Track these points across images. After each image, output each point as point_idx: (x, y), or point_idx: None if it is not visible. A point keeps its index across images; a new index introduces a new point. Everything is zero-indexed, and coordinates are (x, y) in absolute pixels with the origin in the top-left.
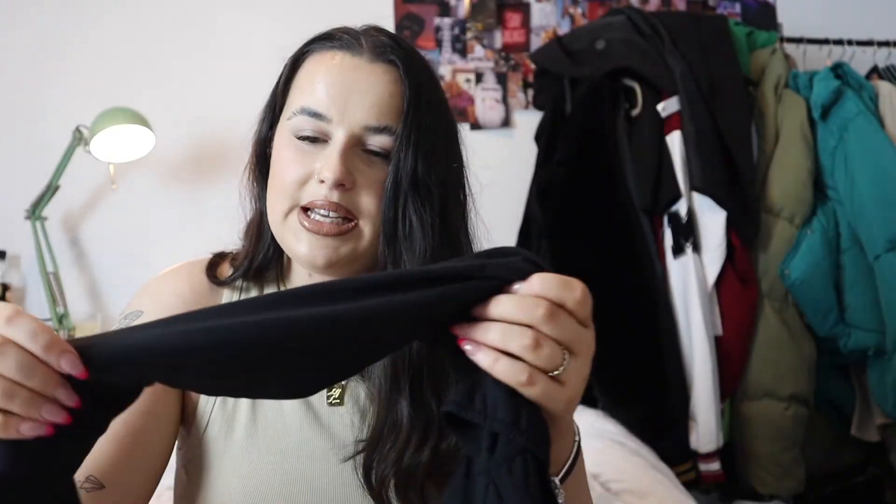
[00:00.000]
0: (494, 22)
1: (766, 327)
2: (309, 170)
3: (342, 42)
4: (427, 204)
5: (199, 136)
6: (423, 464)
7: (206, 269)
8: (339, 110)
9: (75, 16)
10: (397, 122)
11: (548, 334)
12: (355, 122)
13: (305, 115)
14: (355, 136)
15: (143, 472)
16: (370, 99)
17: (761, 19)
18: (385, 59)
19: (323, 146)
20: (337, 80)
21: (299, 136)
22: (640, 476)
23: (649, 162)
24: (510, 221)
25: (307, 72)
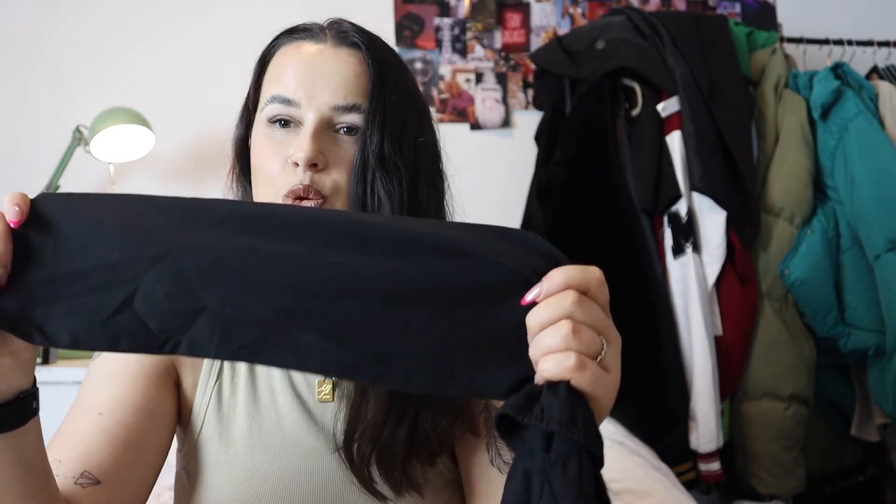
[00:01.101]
0: (494, 22)
1: (766, 327)
2: (284, 157)
3: (307, 32)
4: (395, 180)
5: (199, 136)
6: (402, 439)
7: None
8: (307, 94)
9: (75, 16)
10: (364, 100)
11: (582, 321)
12: (323, 102)
13: (276, 102)
14: (325, 118)
15: (140, 469)
16: (336, 80)
17: (761, 19)
18: (348, 42)
19: (296, 131)
20: (302, 66)
21: (272, 120)
22: (640, 476)
23: (649, 162)
24: (510, 221)
25: (275, 64)
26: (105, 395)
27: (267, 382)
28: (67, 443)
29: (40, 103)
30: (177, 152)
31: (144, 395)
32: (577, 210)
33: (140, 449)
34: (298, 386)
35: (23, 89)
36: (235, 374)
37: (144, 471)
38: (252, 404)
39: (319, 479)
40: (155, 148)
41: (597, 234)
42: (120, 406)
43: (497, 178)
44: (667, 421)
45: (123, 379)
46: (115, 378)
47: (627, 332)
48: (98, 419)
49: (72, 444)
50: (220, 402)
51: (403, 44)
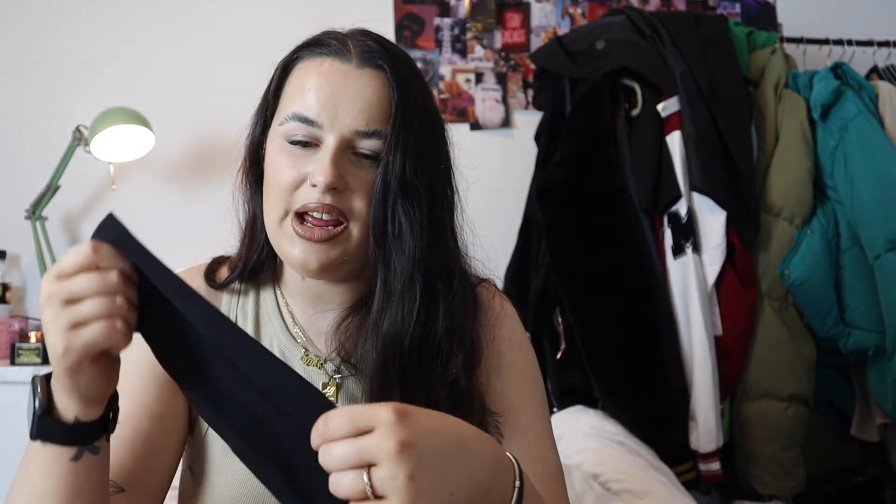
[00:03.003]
0: (494, 22)
1: (766, 327)
2: (301, 174)
3: (331, 48)
4: (415, 204)
5: (199, 136)
6: None
7: (205, 273)
8: (330, 116)
9: (75, 16)
10: (386, 126)
11: (331, 468)
12: (345, 126)
13: (297, 121)
14: (345, 141)
15: (158, 473)
16: (359, 104)
17: (761, 19)
18: (373, 63)
19: (314, 150)
20: (326, 86)
21: (291, 140)
22: (640, 476)
23: (649, 162)
24: (510, 221)
25: (297, 78)
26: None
27: None
28: None
29: (40, 103)
30: (177, 152)
31: (158, 401)
32: (577, 210)
33: (158, 454)
34: None
35: (23, 89)
36: None
37: (162, 474)
38: None
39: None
40: (155, 148)
41: (597, 234)
42: (138, 413)
43: (497, 178)
44: (667, 421)
45: (138, 387)
46: (131, 386)
47: (627, 332)
48: (117, 428)
49: None
50: None
51: (403, 44)
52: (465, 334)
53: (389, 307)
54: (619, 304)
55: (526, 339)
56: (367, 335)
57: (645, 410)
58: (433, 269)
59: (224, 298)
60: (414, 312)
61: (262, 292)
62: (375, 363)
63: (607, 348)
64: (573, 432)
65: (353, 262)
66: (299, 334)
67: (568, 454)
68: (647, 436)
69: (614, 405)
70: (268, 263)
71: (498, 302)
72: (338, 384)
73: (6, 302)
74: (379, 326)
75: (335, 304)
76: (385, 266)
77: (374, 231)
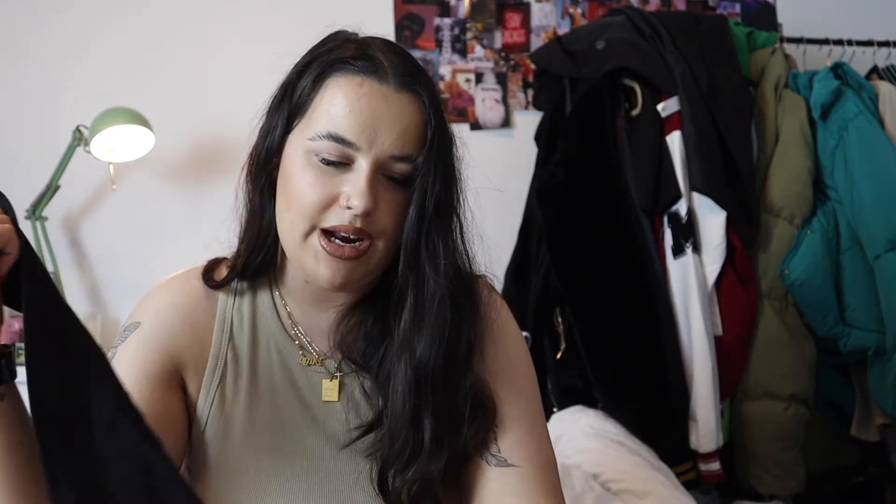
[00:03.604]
0: (494, 22)
1: (766, 327)
2: (333, 193)
3: (368, 65)
4: (448, 225)
5: (199, 136)
6: (438, 471)
7: (203, 274)
8: (369, 139)
9: (75, 16)
10: (418, 150)
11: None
12: (383, 151)
13: (332, 140)
14: (381, 164)
15: None
16: (398, 129)
17: (761, 19)
18: (410, 88)
19: (345, 169)
20: (366, 108)
21: (322, 159)
22: (640, 476)
23: (649, 162)
24: (510, 221)
25: (332, 93)
26: None
27: (269, 382)
28: None
29: (40, 103)
30: (177, 152)
31: (150, 402)
32: (577, 210)
33: None
34: (301, 386)
35: (23, 89)
36: (238, 375)
37: None
38: (254, 404)
39: (322, 477)
40: (155, 148)
41: (597, 234)
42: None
43: (497, 178)
44: (667, 421)
45: (140, 384)
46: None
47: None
48: None
49: None
50: (222, 402)
51: (403, 44)
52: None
53: (422, 328)
54: (618, 304)
55: (518, 333)
56: (396, 355)
57: (645, 410)
58: (460, 286)
59: (220, 298)
60: (446, 332)
61: (259, 294)
62: (410, 382)
63: (607, 348)
64: (573, 432)
65: (370, 276)
66: (297, 335)
67: (568, 454)
68: (647, 436)
69: (614, 405)
70: (270, 266)
71: (492, 297)
72: (338, 380)
73: None
74: (412, 348)
75: (337, 304)
76: (416, 286)
77: (408, 253)
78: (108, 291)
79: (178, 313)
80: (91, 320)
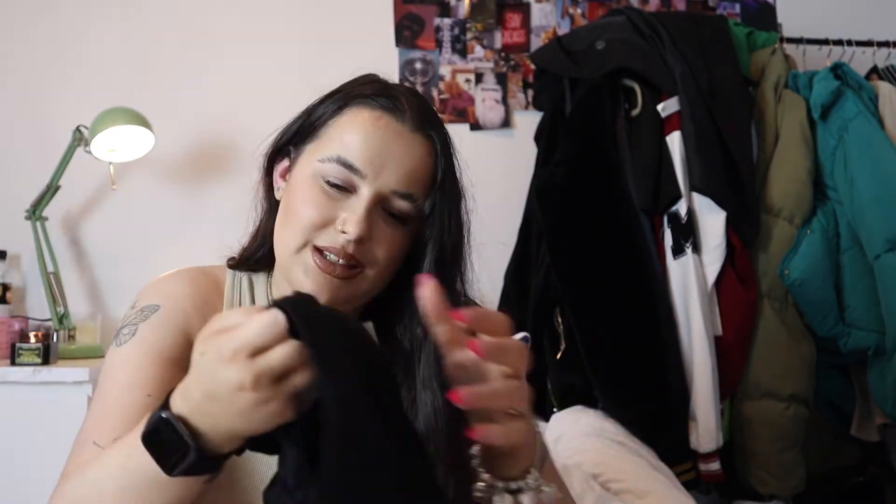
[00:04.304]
0: (494, 22)
1: (766, 327)
2: (330, 216)
3: (387, 104)
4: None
5: (199, 136)
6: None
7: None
8: (375, 170)
9: (75, 16)
10: (420, 191)
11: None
12: (386, 184)
13: (340, 164)
14: (382, 197)
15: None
16: (406, 167)
17: (761, 19)
18: (425, 132)
19: (347, 195)
20: (379, 140)
21: (327, 181)
22: (640, 476)
23: (649, 162)
24: (510, 221)
25: (348, 121)
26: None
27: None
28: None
29: (40, 103)
30: (177, 152)
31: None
32: (577, 210)
33: None
34: None
35: (23, 89)
36: None
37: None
38: None
39: None
40: (155, 148)
41: (597, 234)
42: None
43: (497, 178)
44: (667, 421)
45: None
46: (157, 361)
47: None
48: (147, 401)
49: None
50: None
51: (403, 44)
52: None
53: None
54: (618, 304)
55: None
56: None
57: (645, 410)
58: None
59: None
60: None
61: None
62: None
63: (607, 348)
64: (573, 432)
65: (354, 302)
66: None
67: (568, 454)
68: (647, 436)
69: (614, 405)
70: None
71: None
72: None
73: (6, 302)
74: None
75: None
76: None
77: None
78: (108, 291)
79: (192, 302)
80: (91, 320)
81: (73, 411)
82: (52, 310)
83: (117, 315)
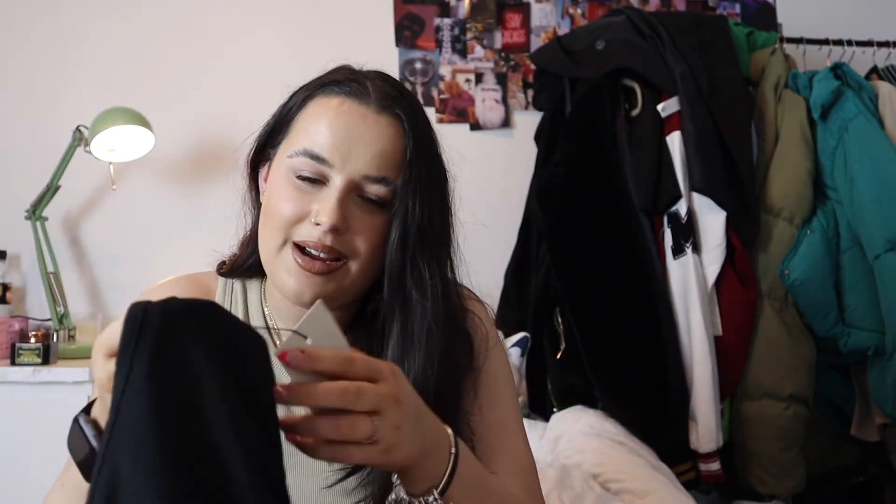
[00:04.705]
0: (494, 22)
1: (766, 327)
2: (305, 209)
3: (350, 88)
4: (434, 251)
5: (199, 136)
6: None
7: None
8: (342, 157)
9: (76, 16)
10: (395, 174)
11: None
12: (356, 170)
13: (307, 157)
14: (354, 183)
15: None
16: (373, 149)
17: (761, 19)
18: (391, 111)
19: (320, 187)
20: (342, 126)
21: (298, 175)
22: (640, 476)
23: (649, 162)
24: (510, 221)
25: (313, 112)
26: None
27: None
28: None
29: (40, 103)
30: (177, 152)
31: None
32: (577, 210)
33: None
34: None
35: (23, 89)
36: None
37: None
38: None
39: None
40: (155, 148)
41: (597, 234)
42: None
43: (497, 178)
44: (667, 421)
45: None
46: None
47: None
48: None
49: None
50: None
51: (403, 44)
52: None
53: (411, 353)
54: (618, 304)
55: (497, 341)
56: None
57: (645, 410)
58: (449, 313)
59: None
60: (435, 362)
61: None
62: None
63: (607, 348)
64: (573, 432)
65: (343, 297)
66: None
67: (568, 454)
68: (647, 436)
69: (614, 405)
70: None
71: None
72: None
73: (6, 302)
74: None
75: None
76: (403, 315)
77: (392, 280)
78: (108, 291)
79: None
80: (91, 320)
81: (72, 411)
82: (52, 310)
83: (117, 315)
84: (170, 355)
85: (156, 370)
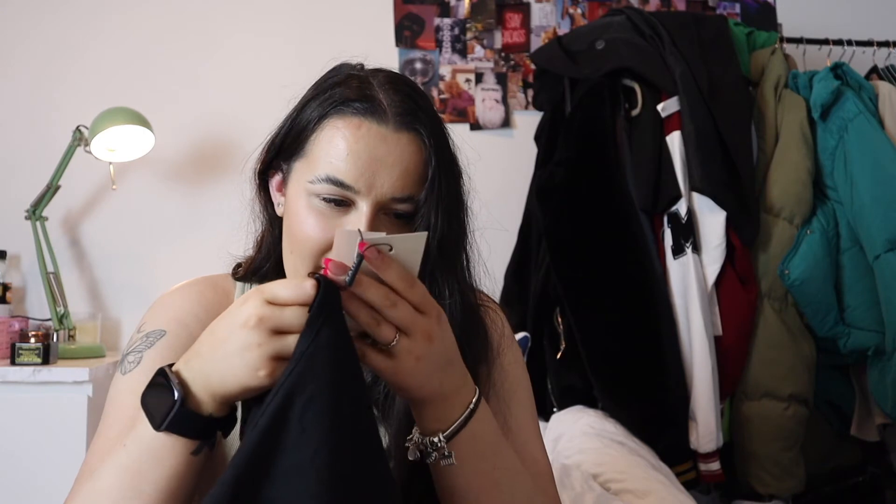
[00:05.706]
0: (494, 22)
1: (766, 327)
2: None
3: (366, 107)
4: (453, 262)
5: (199, 136)
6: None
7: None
8: (367, 183)
9: (76, 17)
10: (419, 189)
11: (392, 318)
12: (382, 194)
13: (331, 184)
14: (381, 206)
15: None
16: (397, 171)
17: (761, 19)
18: (410, 127)
19: (345, 209)
20: (364, 150)
21: (323, 198)
22: (640, 476)
23: (649, 162)
24: (510, 221)
25: (331, 136)
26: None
27: None
28: None
29: (40, 103)
30: (177, 152)
31: None
32: (577, 210)
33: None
34: None
35: (23, 89)
36: None
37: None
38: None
39: None
40: (155, 148)
41: (597, 234)
42: None
43: (497, 178)
44: (667, 421)
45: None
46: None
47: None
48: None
49: None
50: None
51: (403, 44)
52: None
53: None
54: (618, 304)
55: (514, 341)
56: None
57: (645, 410)
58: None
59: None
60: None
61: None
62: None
63: (607, 348)
64: (573, 432)
65: None
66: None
67: (568, 454)
68: (647, 436)
69: (614, 405)
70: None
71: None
72: None
73: (6, 302)
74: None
75: None
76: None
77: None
78: (108, 291)
79: (199, 323)
80: (91, 320)
81: (73, 411)
82: (52, 310)
83: (117, 315)
84: (343, 328)
85: (340, 336)
